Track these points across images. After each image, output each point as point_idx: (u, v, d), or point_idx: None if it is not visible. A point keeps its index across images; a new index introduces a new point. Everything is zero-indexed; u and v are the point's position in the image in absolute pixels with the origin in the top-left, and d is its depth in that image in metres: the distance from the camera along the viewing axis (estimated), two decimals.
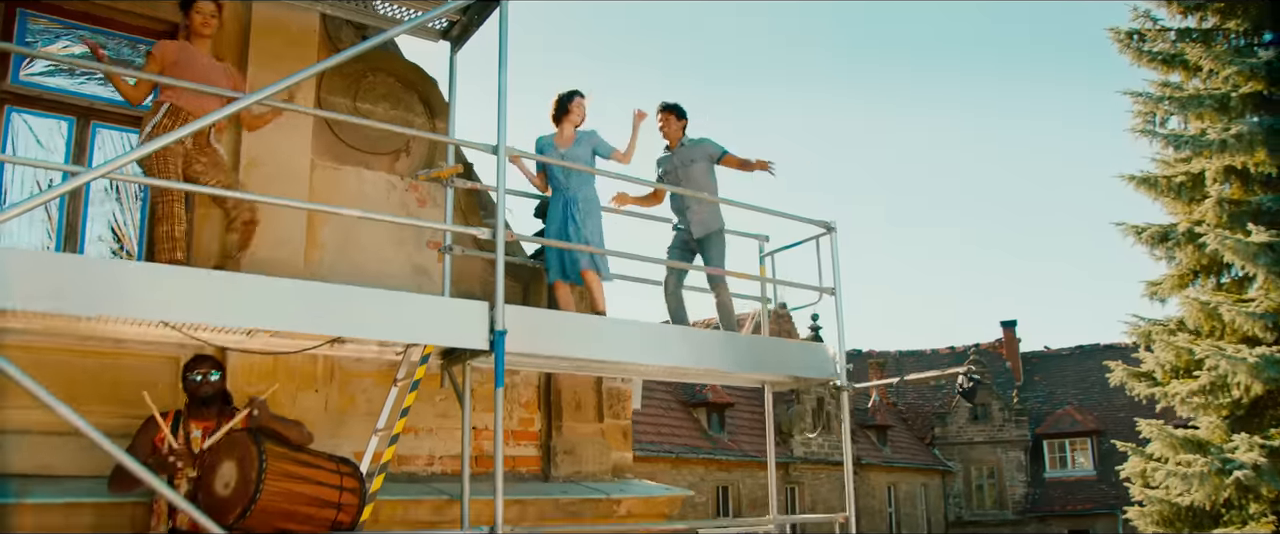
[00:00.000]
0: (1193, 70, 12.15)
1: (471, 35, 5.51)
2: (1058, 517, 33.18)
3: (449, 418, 5.50)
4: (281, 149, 5.13)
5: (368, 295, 4.28)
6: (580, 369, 5.51)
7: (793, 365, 5.81)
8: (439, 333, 4.40)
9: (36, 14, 4.88)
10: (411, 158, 5.70)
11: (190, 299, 3.82)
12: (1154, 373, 12.05)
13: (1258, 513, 10.63)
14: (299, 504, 3.96)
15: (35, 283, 3.55)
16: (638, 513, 5.77)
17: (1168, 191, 12.14)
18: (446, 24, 5.49)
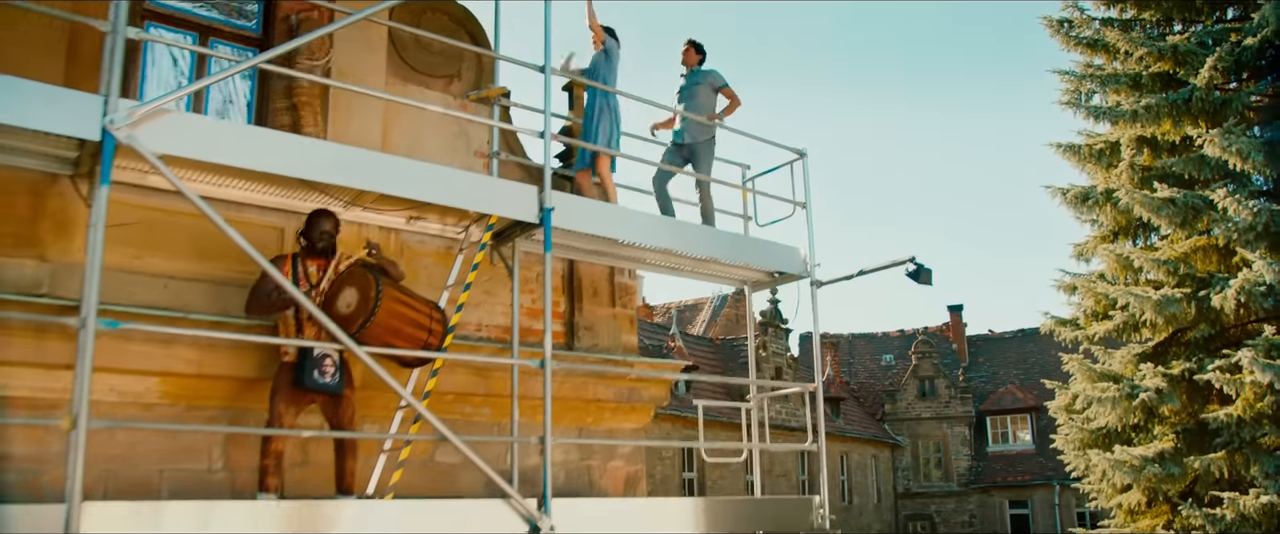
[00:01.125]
0: (1112, 53, 13.74)
1: None
2: (999, 487, 35.13)
3: (491, 295, 6.70)
4: (362, 64, 6.30)
5: (450, 173, 5.49)
6: (597, 255, 6.74)
7: (772, 261, 7.11)
8: (503, 206, 5.60)
9: None
10: (462, 82, 6.90)
11: (323, 163, 4.99)
12: (1077, 319, 13.65)
13: (1161, 433, 12.23)
14: (402, 324, 5.16)
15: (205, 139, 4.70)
16: (646, 379, 7.04)
17: (1089, 158, 13.74)
18: None
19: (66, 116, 4.38)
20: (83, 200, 5.16)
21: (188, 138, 4.61)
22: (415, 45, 6.68)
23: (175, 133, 4.56)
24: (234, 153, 4.70)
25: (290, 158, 4.88)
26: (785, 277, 7.42)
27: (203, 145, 4.65)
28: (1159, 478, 11.74)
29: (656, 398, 7.23)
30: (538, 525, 5.27)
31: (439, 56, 6.80)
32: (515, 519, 5.27)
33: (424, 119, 6.58)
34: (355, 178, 5.06)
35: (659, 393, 7.23)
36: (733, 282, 7.70)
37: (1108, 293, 12.59)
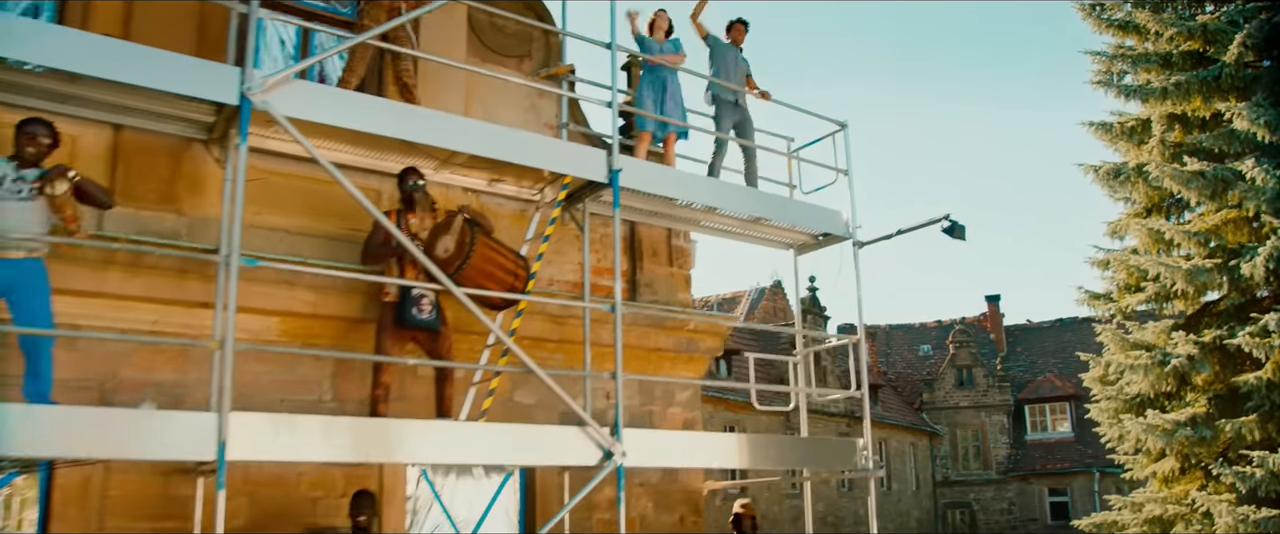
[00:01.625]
0: (1143, 33, 14.11)
1: None
2: (1038, 475, 35.23)
3: (561, 255, 7.35)
4: (446, 46, 6.99)
5: (531, 136, 6.17)
6: (657, 215, 7.37)
7: (817, 223, 7.70)
8: (576, 167, 6.25)
9: None
10: (532, 61, 7.57)
11: (425, 126, 5.67)
12: (1110, 293, 14.03)
13: (1193, 400, 12.59)
14: (493, 268, 5.84)
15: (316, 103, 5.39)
16: (702, 329, 7.67)
17: (1121, 136, 14.12)
18: None
19: (210, 83, 5.10)
20: (216, 162, 5.90)
21: (311, 103, 5.32)
22: (491, 28, 7.36)
23: (300, 99, 5.26)
24: (351, 116, 5.40)
25: (397, 121, 5.58)
26: (830, 238, 7.99)
27: (324, 109, 5.35)
28: (1191, 441, 12.11)
29: (711, 349, 7.86)
30: (611, 451, 5.91)
31: (512, 38, 7.48)
32: (591, 446, 5.91)
33: (499, 95, 7.26)
34: (452, 139, 5.75)
35: (713, 344, 7.86)
36: (780, 244, 8.27)
37: (1140, 265, 12.98)
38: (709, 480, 8.12)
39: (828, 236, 8.00)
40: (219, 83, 5.11)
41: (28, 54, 4.71)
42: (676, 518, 7.63)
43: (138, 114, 5.58)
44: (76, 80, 5.05)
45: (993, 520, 36.01)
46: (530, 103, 7.47)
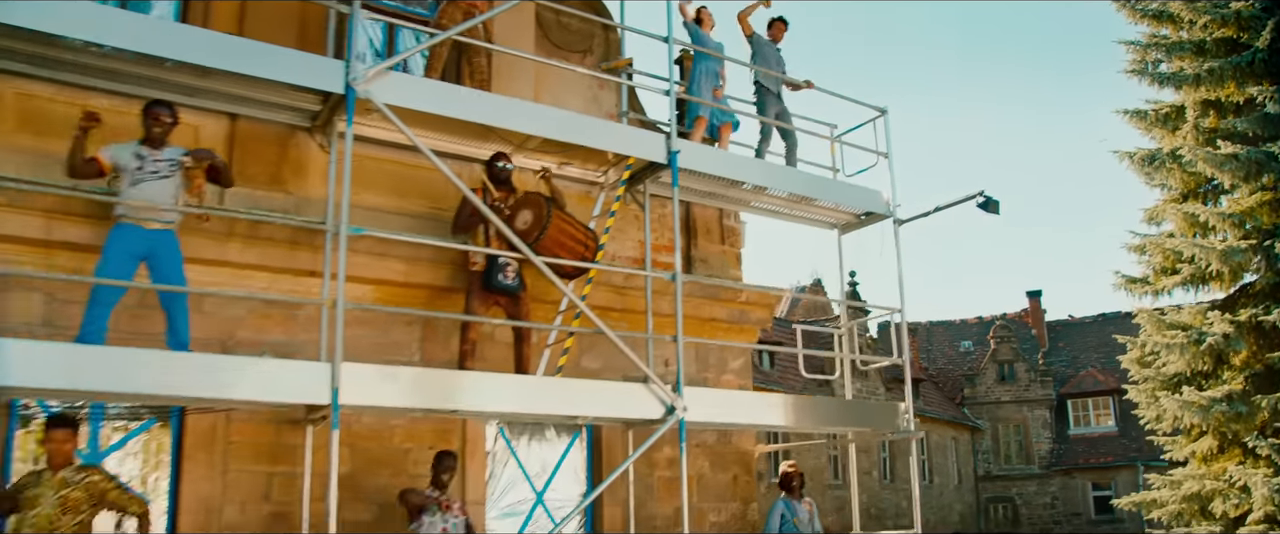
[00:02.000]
0: (1177, 22, 14.41)
1: None
2: (1082, 470, 35.19)
3: (623, 232, 7.95)
4: (515, 39, 7.64)
5: (598, 121, 6.81)
6: (711, 196, 7.95)
7: (860, 202, 8.23)
8: (640, 149, 6.86)
9: None
10: (594, 56, 8.20)
11: (505, 112, 6.31)
12: (1147, 277, 14.34)
13: (1229, 378, 12.87)
14: (566, 240, 6.46)
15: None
16: (753, 300, 8.24)
17: (1155, 123, 14.43)
18: None
19: (320, 75, 5.79)
20: (320, 147, 6.59)
21: (406, 92, 5.98)
22: (556, 25, 8.01)
23: (396, 89, 5.93)
24: (442, 104, 6.07)
25: (482, 108, 6.23)
26: (872, 216, 8.52)
27: (418, 98, 6.01)
28: (1227, 417, 12.40)
29: (761, 320, 8.42)
30: (673, 406, 6.50)
31: (575, 34, 8.12)
32: (654, 402, 6.50)
33: (564, 87, 7.89)
34: (530, 124, 6.40)
35: (763, 316, 8.42)
36: (825, 223, 8.80)
37: (1175, 248, 13.30)
38: (759, 444, 8.68)
39: (870, 215, 8.53)
40: (327, 74, 5.80)
41: (167, 50, 5.42)
42: (730, 477, 8.19)
43: (252, 104, 6.27)
44: (207, 74, 5.75)
45: (1036, 515, 36.02)
46: (593, 94, 8.11)
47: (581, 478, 7.69)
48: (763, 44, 8.59)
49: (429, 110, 6.05)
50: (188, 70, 5.76)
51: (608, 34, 8.38)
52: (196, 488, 6.01)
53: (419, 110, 6.04)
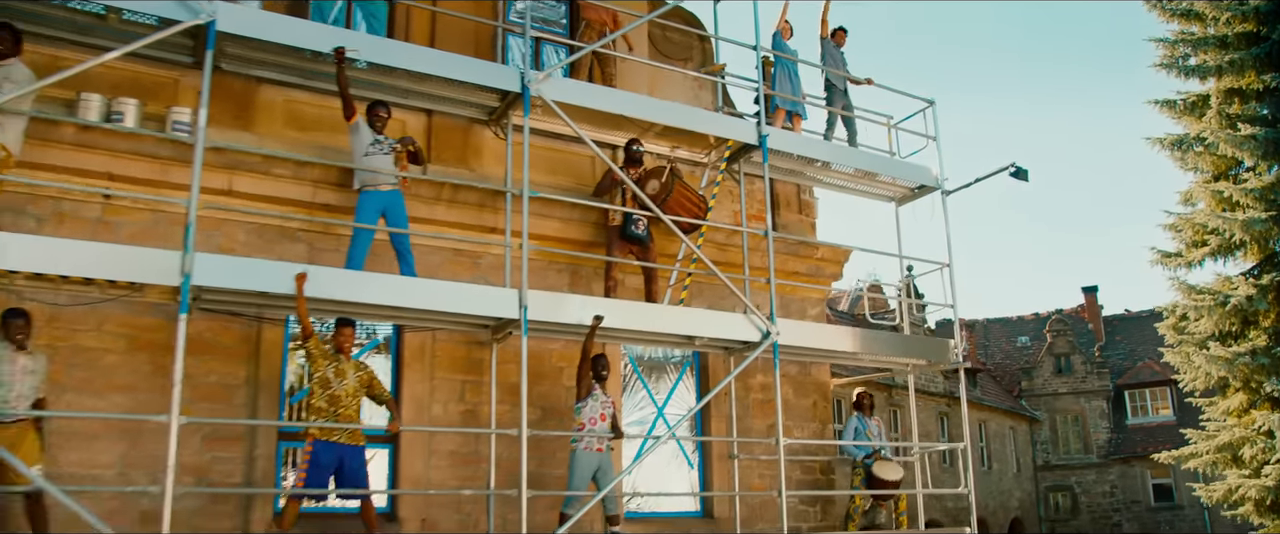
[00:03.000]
0: (1203, 20, 15.88)
1: None
2: (1140, 458, 35.95)
3: (720, 205, 9.81)
4: (635, 46, 9.59)
5: (705, 113, 8.71)
6: (791, 174, 9.79)
7: (913, 176, 10.00)
8: (738, 133, 8.75)
9: None
10: (693, 62, 10.13)
11: (640, 106, 8.25)
12: (1180, 251, 15.77)
13: (1255, 336, 14.24)
14: (684, 203, 8.37)
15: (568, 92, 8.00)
16: (826, 257, 10.06)
17: (1184, 111, 15.89)
18: None
19: (501, 77, 7.79)
20: (495, 136, 8.60)
21: (566, 91, 7.95)
22: (664, 39, 9.96)
23: (558, 89, 7.90)
24: (595, 100, 8.05)
25: (620, 103, 8.20)
26: (923, 189, 10.29)
27: (576, 96, 7.98)
28: (1250, 369, 13.80)
29: (833, 273, 10.23)
30: (769, 331, 8.35)
31: (678, 45, 10.06)
32: (753, 328, 8.36)
33: (672, 87, 9.82)
34: (659, 115, 8.36)
35: (835, 270, 10.22)
36: (884, 196, 10.59)
37: (1204, 222, 14.76)
38: (834, 378, 10.47)
39: (922, 188, 10.31)
40: (507, 77, 7.80)
41: (395, 60, 7.47)
42: (810, 402, 9.99)
43: (446, 102, 8.29)
44: (423, 79, 7.79)
45: (1095, 503, 36.84)
46: (693, 93, 10.03)
47: (692, 397, 9.56)
48: (830, 46, 10.43)
49: (584, 105, 8.03)
50: (404, 75, 7.80)
51: (703, 44, 10.31)
52: (412, 389, 8.02)
53: (576, 105, 8.01)
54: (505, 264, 7.69)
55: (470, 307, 7.26)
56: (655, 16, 8.87)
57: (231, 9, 6.81)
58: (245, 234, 7.58)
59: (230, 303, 7.06)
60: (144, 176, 7.22)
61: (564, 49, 9.47)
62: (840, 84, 10.27)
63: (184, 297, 6.15)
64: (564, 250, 8.63)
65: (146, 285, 6.57)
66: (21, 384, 6.00)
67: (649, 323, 7.99)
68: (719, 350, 9.14)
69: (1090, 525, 36.85)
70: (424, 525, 7.81)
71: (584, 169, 9.21)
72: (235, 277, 6.52)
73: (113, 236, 7.04)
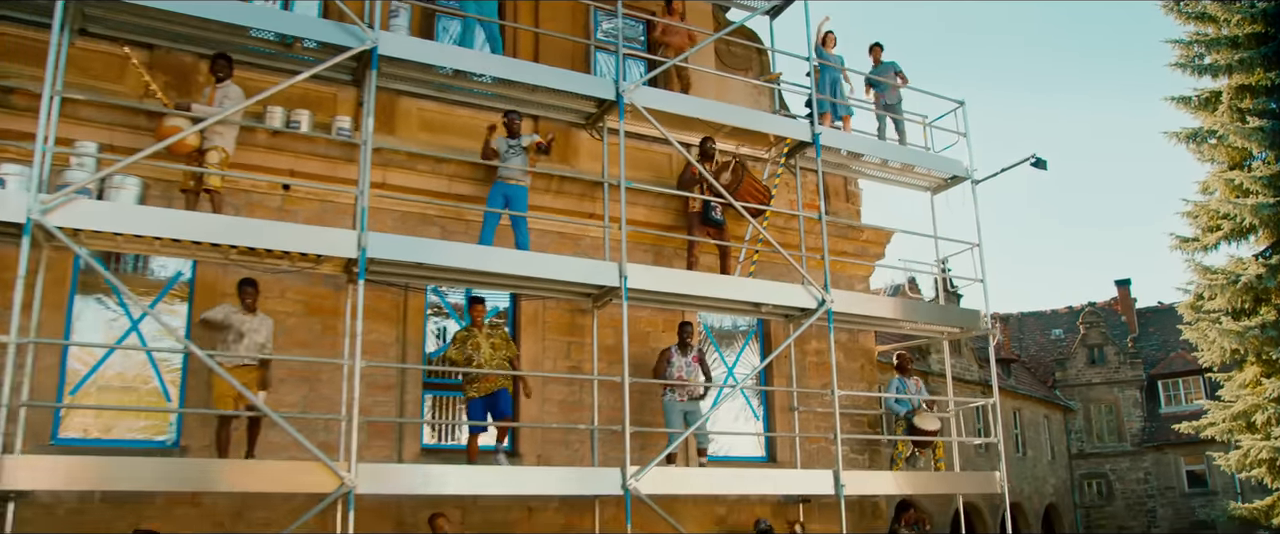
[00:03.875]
0: (1216, 22, 17.13)
1: (782, 13, 11.48)
2: (1174, 446, 36.79)
3: (778, 197, 11.34)
4: (701, 59, 11.15)
5: (767, 116, 10.26)
6: (840, 167, 11.30)
7: (947, 168, 11.46)
8: (795, 132, 10.28)
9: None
10: (753, 71, 11.67)
11: (717, 112, 9.81)
12: (1197, 236, 17.03)
13: (1266, 312, 15.48)
14: (753, 191, 9.91)
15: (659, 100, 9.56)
16: (871, 239, 11.54)
17: (1198, 106, 17.15)
18: (770, 7, 11.45)
19: (598, 87, 9.38)
20: (592, 137, 10.19)
21: (654, 99, 9.52)
22: (727, 51, 11.51)
23: (647, 97, 9.46)
24: (678, 106, 9.61)
25: (699, 108, 9.76)
26: (955, 179, 11.73)
27: (663, 103, 9.55)
28: (1261, 342, 15.03)
29: (877, 254, 11.70)
30: (824, 298, 9.85)
31: (739, 57, 11.61)
32: (809, 297, 9.87)
33: (734, 93, 11.36)
34: (725, 117, 9.90)
35: (878, 251, 11.70)
36: (920, 186, 12.03)
37: (1217, 208, 16.03)
38: (878, 345, 11.94)
39: (954, 179, 11.75)
40: (604, 87, 9.39)
41: (516, 76, 9.09)
42: (858, 365, 11.48)
43: (550, 108, 9.89)
44: (535, 90, 9.40)
45: (1130, 490, 37.73)
46: (753, 98, 11.56)
47: (757, 359, 11.08)
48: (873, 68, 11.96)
49: (669, 111, 9.59)
50: (522, 87, 9.41)
51: (761, 56, 11.85)
52: (527, 349, 9.63)
53: (661, 110, 9.58)
54: (604, 243, 9.28)
55: (580, 276, 8.84)
56: (723, 35, 10.43)
57: (390, 36, 8.46)
58: (392, 220, 9.24)
59: (387, 275, 8.70)
60: (316, 173, 8.90)
61: (643, 62, 11.05)
62: (886, 94, 11.75)
63: (361, 266, 7.79)
64: (650, 231, 10.18)
65: (326, 258, 8.23)
66: (252, 337, 7.69)
67: (724, 292, 9.54)
68: (780, 318, 10.64)
69: (1125, 512, 37.75)
70: (539, 460, 9.41)
71: (662, 164, 10.78)
72: (398, 251, 8.14)
73: (292, 222, 8.72)
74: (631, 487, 8.37)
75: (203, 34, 8.44)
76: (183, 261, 8.58)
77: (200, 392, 8.22)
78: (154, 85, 8.33)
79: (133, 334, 8.41)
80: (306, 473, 7.40)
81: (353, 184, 8.73)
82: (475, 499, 8.87)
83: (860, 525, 10.91)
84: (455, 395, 9.43)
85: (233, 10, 8.09)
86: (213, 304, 8.29)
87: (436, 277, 8.71)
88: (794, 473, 9.95)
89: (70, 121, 8.02)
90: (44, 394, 7.74)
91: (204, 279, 8.54)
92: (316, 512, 7.52)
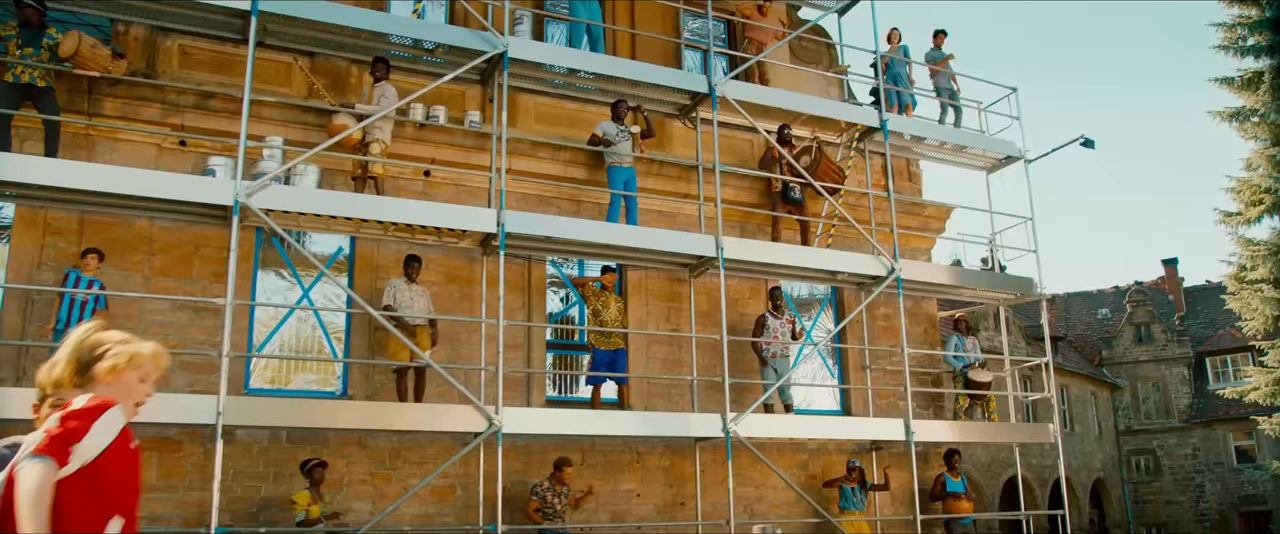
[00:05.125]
0: (1258, 3, 17.92)
1: (849, 10, 12.66)
2: (1222, 421, 37.27)
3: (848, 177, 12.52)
4: (777, 54, 12.36)
5: (839, 104, 11.44)
6: (903, 149, 12.46)
7: (1000, 148, 12.56)
8: (865, 118, 11.47)
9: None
10: (822, 65, 12.86)
11: (797, 101, 11.02)
12: (1241, 211, 17.87)
13: None
14: (829, 171, 11.12)
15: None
16: (932, 215, 12.70)
17: (1242, 87, 17.95)
18: (840, 6, 12.63)
19: (692, 81, 10.64)
20: (685, 125, 11.46)
21: (741, 91, 10.75)
22: (799, 46, 12.70)
23: (736, 89, 10.70)
24: (764, 97, 10.85)
25: (780, 98, 10.99)
26: (1009, 159, 12.84)
27: (749, 94, 10.78)
28: None
29: (938, 229, 12.86)
30: (894, 267, 11.04)
31: (811, 51, 12.79)
32: (880, 266, 11.07)
33: (807, 85, 12.55)
34: (802, 107, 11.10)
35: (939, 226, 12.85)
36: (976, 165, 13.15)
37: (1259, 183, 16.89)
38: (940, 311, 13.10)
39: (1008, 159, 12.85)
40: (696, 81, 10.65)
41: (617, 72, 10.37)
42: (922, 329, 12.65)
43: (649, 102, 11.17)
44: (636, 85, 10.67)
45: (1177, 466, 38.24)
46: (824, 88, 12.75)
47: (832, 325, 12.30)
48: (931, 49, 13.06)
49: (756, 102, 10.84)
50: (625, 82, 10.70)
51: (830, 50, 13.03)
52: (634, 313, 10.94)
53: (749, 101, 10.81)
54: (699, 219, 10.56)
55: (683, 247, 10.14)
56: (799, 33, 11.64)
57: (517, 40, 9.80)
58: (514, 200, 10.57)
59: (516, 248, 10.05)
60: (452, 160, 10.27)
61: (722, 57, 12.28)
62: (944, 81, 12.87)
63: (501, 238, 9.16)
64: (738, 209, 11.43)
65: (468, 233, 9.59)
66: (416, 305, 9.09)
67: (806, 261, 10.78)
68: (853, 286, 11.85)
69: (1173, 487, 38.31)
70: (646, 410, 10.74)
71: (743, 149, 12.02)
72: (531, 226, 9.49)
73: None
74: (732, 429, 9.68)
75: (354, 41, 9.84)
76: (342, 238, 10.00)
77: (361, 351, 9.64)
78: (320, 87, 9.74)
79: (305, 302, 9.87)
80: (461, 415, 8.80)
81: (482, 169, 10.10)
82: (593, 444, 10.21)
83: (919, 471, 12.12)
84: (573, 354, 10.79)
85: (382, 20, 9.56)
86: (370, 275, 9.72)
87: (560, 249, 10.06)
88: (870, 421, 11.17)
89: (253, 120, 9.43)
90: (238, 351, 9.20)
91: (361, 254, 9.95)
92: (469, 449, 8.94)
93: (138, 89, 9.15)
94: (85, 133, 9.03)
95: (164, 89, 9.23)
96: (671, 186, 11.24)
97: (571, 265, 10.92)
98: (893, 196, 11.43)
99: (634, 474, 10.45)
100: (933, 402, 12.51)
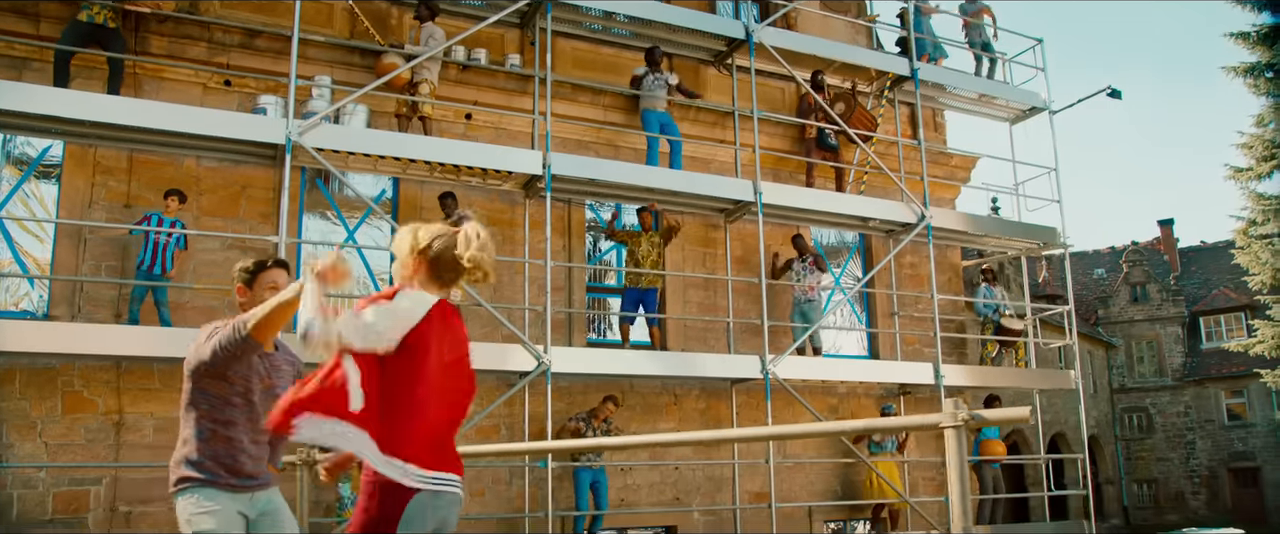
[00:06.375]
0: None
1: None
2: (1214, 379, 37.91)
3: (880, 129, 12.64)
4: (807, 3, 12.41)
5: (872, 52, 11.53)
6: (929, 99, 12.57)
7: (1025, 99, 12.69)
8: (895, 67, 11.57)
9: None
10: (851, 11, 12.90)
11: (823, 48, 11.10)
12: (1252, 167, 18.10)
13: None
14: (862, 119, 11.24)
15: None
16: (958, 164, 12.85)
17: (1257, 42, 18.08)
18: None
19: (729, 27, 10.71)
20: (720, 72, 11.53)
21: (779, 38, 10.82)
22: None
23: (774, 36, 10.77)
24: (795, 43, 10.93)
25: (814, 45, 11.08)
26: (1034, 111, 12.98)
27: (783, 40, 10.86)
28: None
29: (964, 178, 13.02)
30: (924, 214, 11.21)
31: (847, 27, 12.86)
32: (910, 213, 11.23)
33: (836, 33, 12.61)
34: (835, 53, 11.24)
35: (965, 175, 13.01)
36: (1000, 117, 13.29)
37: (1273, 139, 17.10)
38: (964, 261, 13.32)
39: (1032, 110, 12.99)
40: (734, 28, 10.72)
41: (653, 15, 10.42)
42: (946, 278, 12.86)
43: (683, 47, 11.23)
44: (673, 30, 10.72)
45: (1170, 423, 38.91)
46: (851, 37, 12.82)
47: (859, 272, 12.49)
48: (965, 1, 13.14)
49: (792, 49, 10.92)
50: (662, 27, 10.74)
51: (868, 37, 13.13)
52: (671, 256, 11.07)
53: (785, 48, 10.89)
54: (735, 165, 10.69)
55: (722, 191, 10.28)
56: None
57: None
58: (554, 144, 10.65)
59: (558, 190, 10.14)
60: (494, 102, 10.33)
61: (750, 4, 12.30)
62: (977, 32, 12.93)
63: (547, 180, 9.27)
64: (773, 153, 11.54)
65: (513, 175, 9.69)
66: None
67: (840, 207, 10.93)
68: (881, 234, 12.02)
69: (1164, 443, 39.02)
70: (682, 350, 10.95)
71: (775, 96, 12.11)
72: (575, 168, 9.60)
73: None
74: (770, 370, 9.89)
75: None
76: (385, 181, 10.08)
77: None
78: (370, 26, 9.76)
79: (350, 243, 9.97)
80: (512, 354, 8.97)
81: (525, 112, 10.17)
82: (632, 385, 10.40)
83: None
84: (604, 297, 10.96)
85: None
86: (413, 218, 9.80)
87: (601, 192, 10.18)
88: (900, 364, 11.41)
89: (299, 60, 9.46)
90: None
91: (405, 195, 10.04)
92: (518, 389, 9.11)
93: (184, 27, 9.16)
94: (132, 71, 9.04)
95: (210, 27, 9.24)
96: (706, 132, 11.34)
97: (607, 208, 11.02)
98: (923, 145, 11.56)
99: (671, 416, 10.66)
100: (956, 348, 12.75)
